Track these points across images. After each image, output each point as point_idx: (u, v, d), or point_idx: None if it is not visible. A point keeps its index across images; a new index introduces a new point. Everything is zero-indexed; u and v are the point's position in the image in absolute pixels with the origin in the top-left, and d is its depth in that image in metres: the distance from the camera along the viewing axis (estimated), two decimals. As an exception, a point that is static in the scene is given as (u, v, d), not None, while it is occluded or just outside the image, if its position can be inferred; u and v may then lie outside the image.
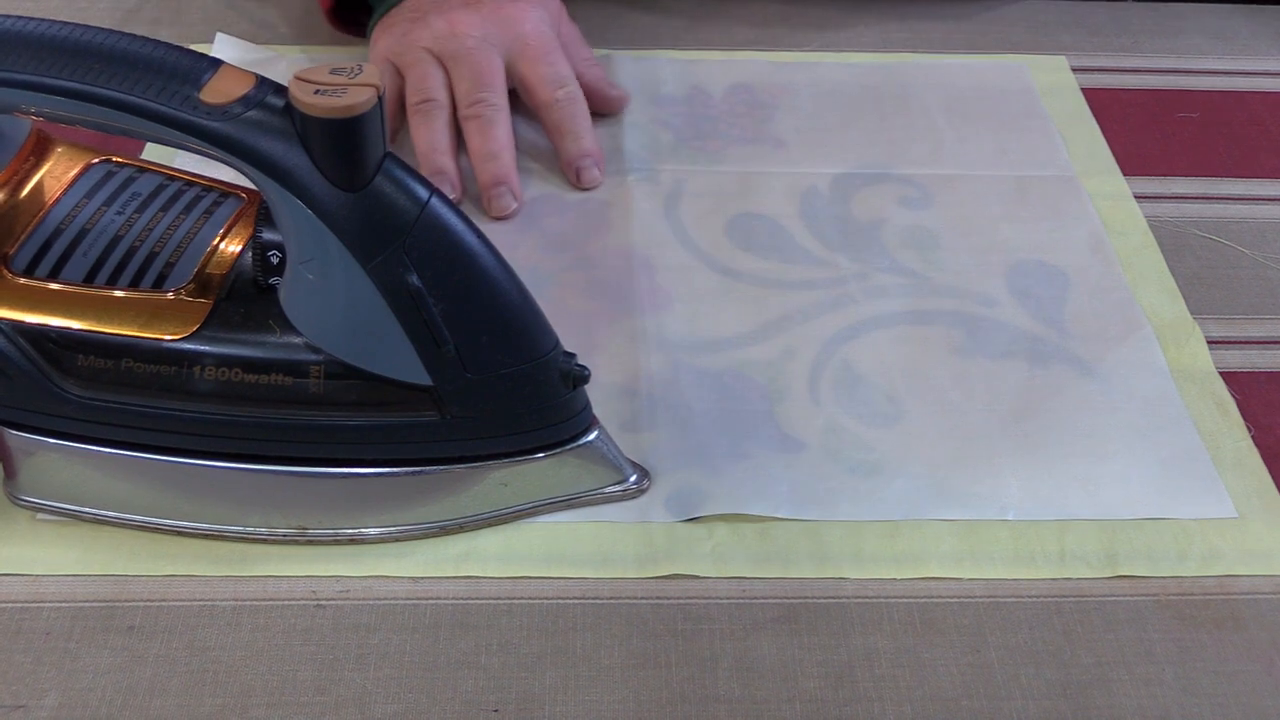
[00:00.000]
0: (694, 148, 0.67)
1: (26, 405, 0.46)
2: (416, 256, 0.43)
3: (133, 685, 0.44)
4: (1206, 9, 0.81)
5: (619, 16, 0.76)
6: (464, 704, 0.44)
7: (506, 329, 0.45)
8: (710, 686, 0.45)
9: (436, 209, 0.43)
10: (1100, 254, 0.62)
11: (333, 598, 0.47)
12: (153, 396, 0.45)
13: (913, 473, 0.52)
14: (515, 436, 0.47)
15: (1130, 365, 0.56)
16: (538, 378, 0.46)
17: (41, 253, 0.47)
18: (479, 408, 0.46)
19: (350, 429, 0.46)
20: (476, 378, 0.45)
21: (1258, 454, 0.53)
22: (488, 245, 0.44)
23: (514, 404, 0.46)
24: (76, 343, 0.45)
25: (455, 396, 0.45)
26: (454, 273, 0.44)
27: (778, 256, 0.61)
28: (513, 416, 0.47)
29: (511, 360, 0.45)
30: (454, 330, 0.44)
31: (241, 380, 0.45)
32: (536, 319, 0.46)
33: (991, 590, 0.48)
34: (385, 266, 0.43)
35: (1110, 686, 0.45)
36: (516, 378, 0.46)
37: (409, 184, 0.43)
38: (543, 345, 0.46)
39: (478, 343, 0.45)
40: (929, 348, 0.57)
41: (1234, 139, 0.70)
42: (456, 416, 0.46)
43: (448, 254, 0.43)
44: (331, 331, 0.44)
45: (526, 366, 0.46)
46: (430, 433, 0.46)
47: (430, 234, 0.43)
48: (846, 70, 0.73)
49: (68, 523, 0.49)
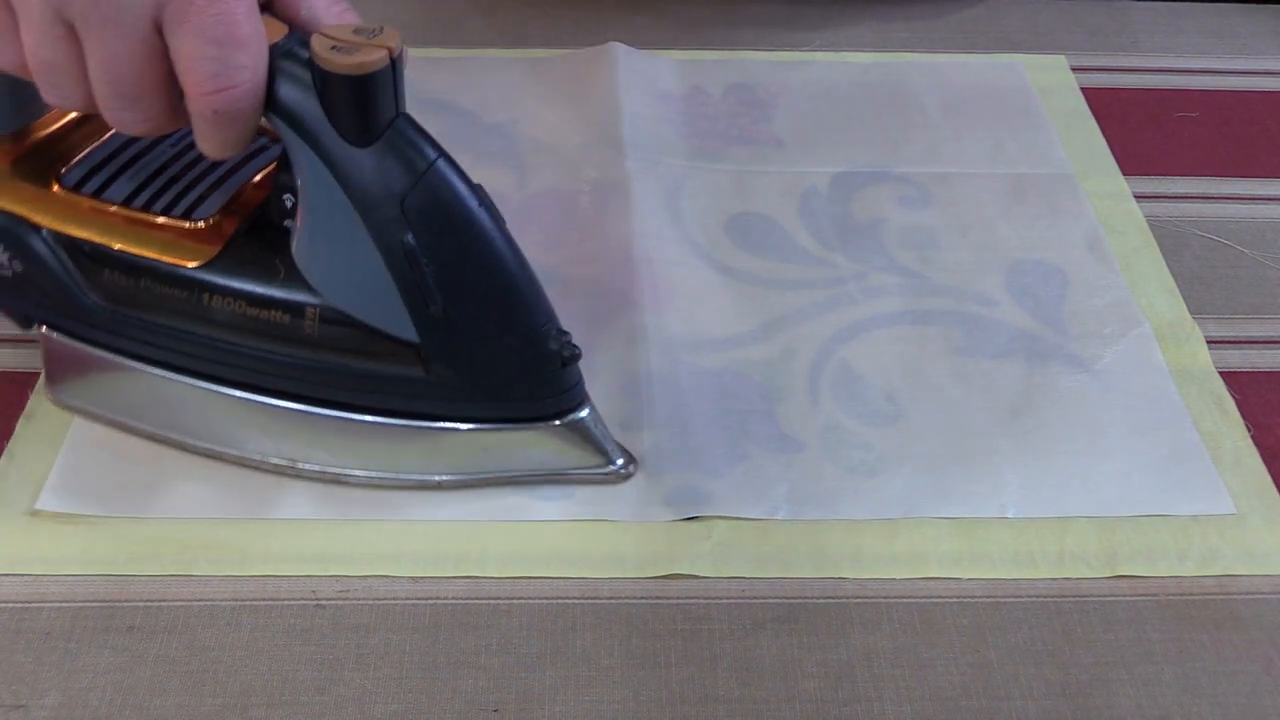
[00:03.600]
0: (693, 146, 0.67)
1: (61, 310, 0.49)
2: (414, 216, 0.44)
3: (133, 685, 0.44)
4: (1206, 9, 0.81)
5: (619, 16, 0.76)
6: (464, 704, 0.44)
7: (497, 298, 0.46)
8: (710, 686, 0.45)
9: (441, 172, 0.44)
10: (1097, 252, 0.62)
11: (333, 598, 0.47)
12: (166, 317, 0.48)
13: (912, 471, 0.52)
14: (498, 404, 0.48)
15: (1128, 363, 0.56)
16: (525, 350, 0.47)
17: (92, 173, 0.50)
18: (463, 371, 0.47)
19: (340, 373, 0.47)
20: (462, 341, 0.46)
21: (1257, 453, 0.53)
22: (492, 214, 0.46)
23: (499, 372, 0.47)
24: (104, 257, 0.48)
25: (440, 356, 0.46)
26: (450, 236, 0.45)
27: (777, 256, 0.61)
28: (496, 384, 0.48)
29: (499, 329, 0.46)
30: (444, 292, 0.45)
31: (244, 313, 0.47)
32: (531, 293, 0.47)
33: (991, 590, 0.48)
34: (383, 222, 0.44)
35: (1110, 686, 0.45)
36: (503, 347, 0.47)
37: (417, 145, 0.44)
38: (533, 319, 0.47)
39: (466, 308, 0.46)
40: (928, 347, 0.57)
41: (1234, 139, 0.70)
42: (441, 376, 0.47)
43: (446, 217, 0.45)
44: (330, 278, 0.46)
45: (514, 338, 0.47)
46: (414, 388, 0.47)
47: (431, 196, 0.44)
48: (845, 70, 0.73)
49: (69, 523, 0.49)
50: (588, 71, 0.71)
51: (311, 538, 0.49)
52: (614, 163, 0.65)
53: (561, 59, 0.73)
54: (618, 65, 0.71)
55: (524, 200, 0.63)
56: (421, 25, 0.75)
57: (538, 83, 0.71)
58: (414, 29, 0.75)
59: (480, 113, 0.69)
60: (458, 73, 0.71)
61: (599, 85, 0.70)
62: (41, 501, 0.49)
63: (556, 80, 0.71)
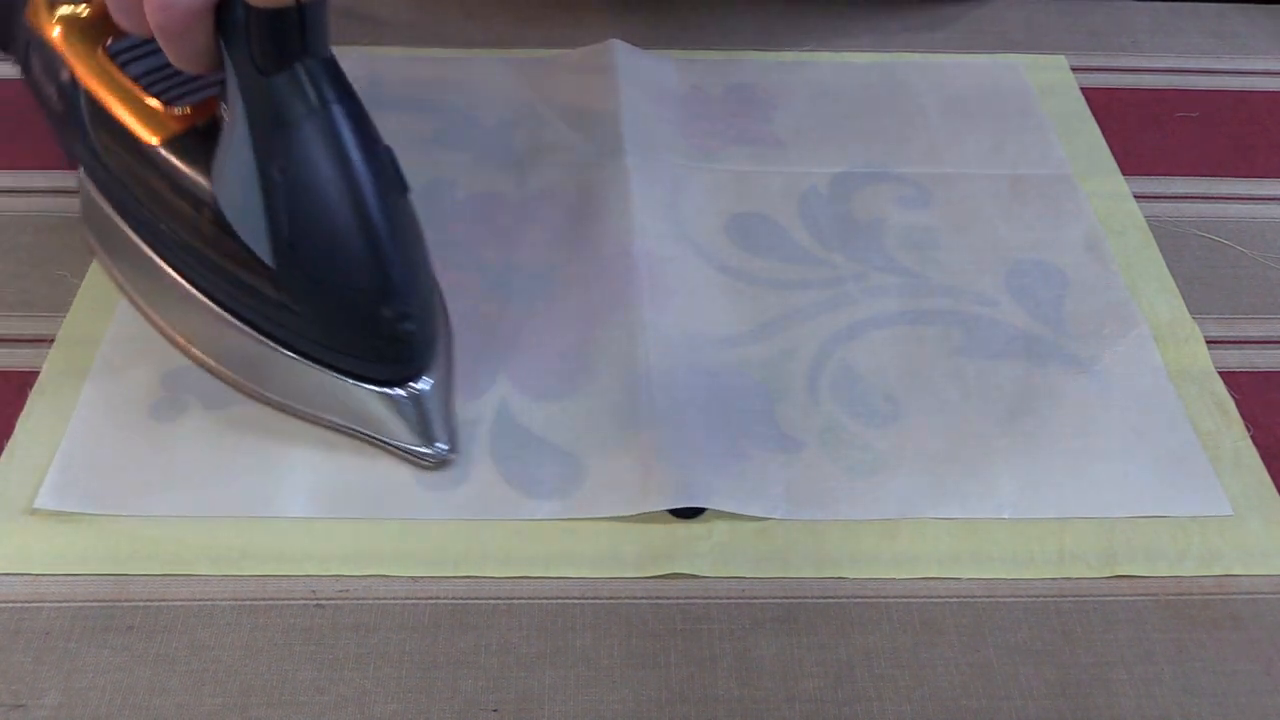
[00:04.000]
0: (693, 146, 0.67)
1: (85, 157, 0.55)
2: (290, 152, 0.47)
3: (133, 685, 0.44)
4: (1206, 9, 0.81)
5: (619, 16, 0.76)
6: (464, 704, 0.44)
7: (339, 251, 0.48)
8: (709, 686, 0.45)
9: (328, 119, 0.47)
10: (1096, 252, 0.62)
11: (333, 598, 0.47)
12: (125, 180, 0.53)
13: (911, 471, 0.52)
14: (332, 353, 0.50)
15: (1126, 364, 0.56)
16: (358, 311, 0.49)
17: (128, 50, 0.54)
18: (305, 311, 0.49)
19: (223, 275, 0.51)
20: (306, 283, 0.48)
21: (1257, 454, 0.53)
22: (380, 176, 0.48)
23: (334, 323, 0.49)
24: (102, 116, 0.53)
25: (287, 287, 0.49)
26: (315, 181, 0.47)
27: (776, 256, 0.61)
28: (331, 333, 0.50)
29: (338, 283, 0.48)
30: (295, 230, 0.47)
31: (168, 195, 0.52)
32: (378, 258, 0.48)
33: (990, 590, 0.48)
34: (264, 149, 0.47)
35: (1109, 686, 0.45)
36: (340, 302, 0.49)
37: (316, 89, 0.47)
38: (368, 282, 0.48)
39: (313, 252, 0.48)
40: (927, 347, 0.57)
41: (1234, 139, 0.70)
42: (289, 307, 0.49)
43: (317, 162, 0.47)
44: (222, 184, 0.49)
45: (351, 295, 0.48)
46: (272, 312, 0.50)
47: (310, 138, 0.47)
48: (845, 70, 0.73)
49: (68, 521, 0.49)
50: (588, 70, 0.71)
51: (311, 538, 0.49)
52: (614, 162, 0.65)
53: (561, 58, 0.73)
54: (618, 64, 0.71)
55: (523, 199, 0.63)
56: (421, 25, 0.75)
57: (537, 82, 0.71)
58: (414, 29, 0.75)
59: (479, 112, 0.69)
60: (457, 72, 0.71)
61: (599, 84, 0.70)
62: (40, 499, 0.49)
63: (556, 79, 0.71)
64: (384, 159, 0.48)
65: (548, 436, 0.52)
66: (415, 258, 0.50)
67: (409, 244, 0.50)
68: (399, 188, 0.49)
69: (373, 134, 0.48)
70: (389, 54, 0.72)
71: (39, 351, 0.54)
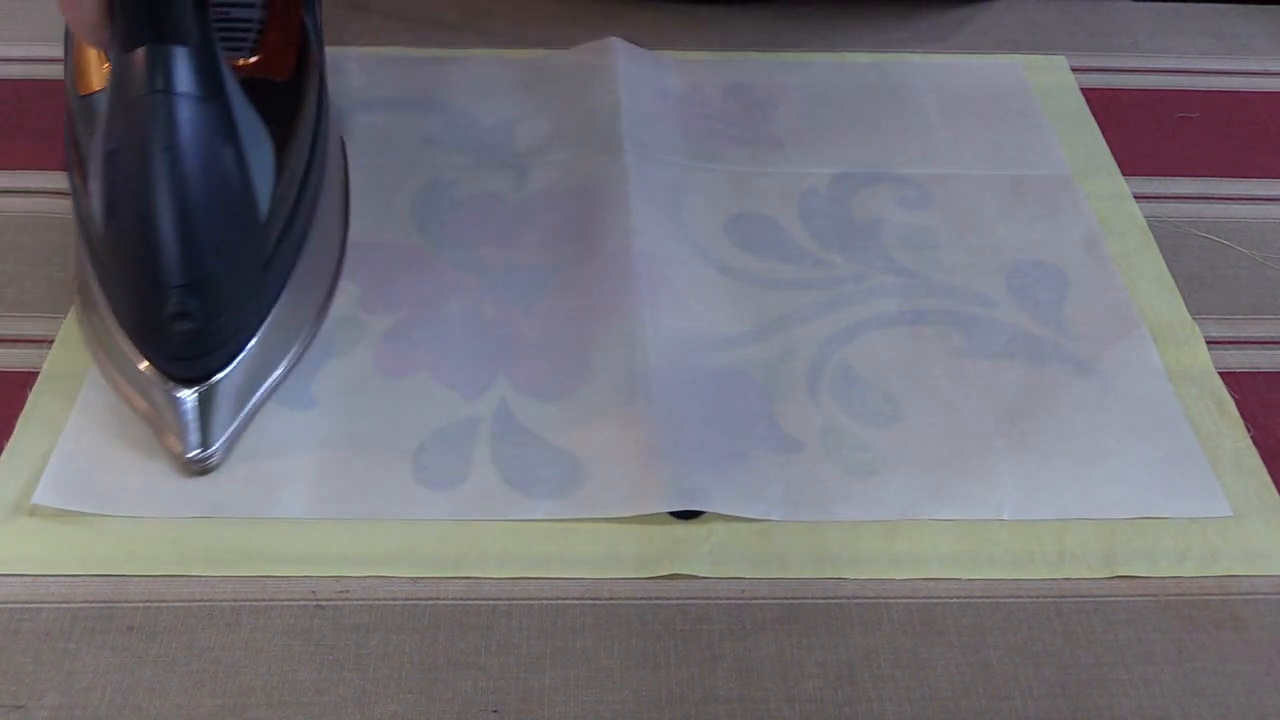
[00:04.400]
0: (693, 146, 0.67)
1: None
2: (115, 129, 0.47)
3: (132, 685, 0.44)
4: (1206, 9, 0.81)
5: (619, 16, 0.76)
6: (464, 704, 0.44)
7: (135, 237, 0.48)
8: (710, 687, 0.45)
9: (161, 108, 0.46)
10: (1095, 253, 0.62)
11: (332, 598, 0.47)
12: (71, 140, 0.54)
13: (910, 472, 0.52)
14: (133, 330, 0.50)
15: (1126, 365, 0.56)
16: (141, 298, 0.49)
17: None
18: (111, 281, 0.50)
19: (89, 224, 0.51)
20: (111, 254, 0.49)
21: (1257, 454, 0.53)
22: (199, 170, 0.47)
23: (127, 302, 0.50)
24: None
25: (105, 254, 0.50)
26: (129, 164, 0.47)
27: (776, 256, 0.61)
28: (123, 311, 0.50)
29: (128, 264, 0.49)
30: (109, 206, 0.48)
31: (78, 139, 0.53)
32: (160, 251, 0.48)
33: (991, 590, 0.48)
34: (106, 120, 0.48)
35: (1110, 687, 0.45)
36: (130, 285, 0.49)
37: (161, 73, 0.46)
38: (152, 275, 0.48)
39: (117, 229, 0.48)
40: (927, 347, 0.57)
41: (1234, 139, 0.70)
42: (106, 273, 0.50)
43: (136, 147, 0.47)
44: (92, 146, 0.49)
45: (138, 281, 0.48)
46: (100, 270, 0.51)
47: (136, 121, 0.47)
48: (845, 70, 0.73)
49: (67, 521, 0.49)
50: (587, 70, 0.71)
51: (311, 538, 0.49)
52: (613, 162, 0.65)
53: (561, 57, 0.73)
54: (617, 64, 0.71)
55: (523, 199, 0.63)
56: (420, 25, 0.75)
57: (536, 82, 0.71)
58: (413, 29, 0.75)
59: (479, 112, 0.69)
60: (457, 72, 0.71)
61: (599, 84, 0.70)
62: (38, 495, 0.49)
63: (555, 79, 0.71)
64: (226, 161, 0.48)
65: (548, 436, 0.52)
66: (231, 264, 0.49)
67: (223, 248, 0.49)
68: (234, 192, 0.49)
69: (223, 132, 0.48)
70: (389, 54, 0.72)
71: (39, 351, 0.54)
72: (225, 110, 0.48)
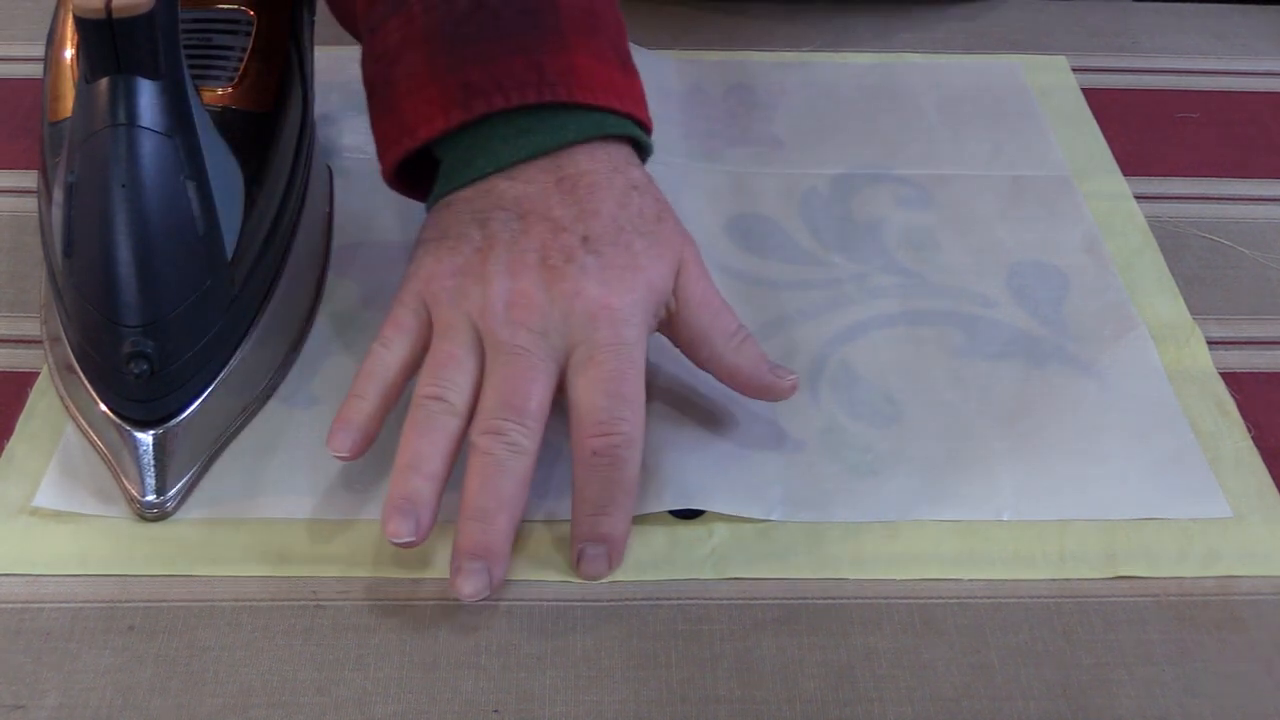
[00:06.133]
0: (693, 146, 0.67)
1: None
2: (75, 161, 0.46)
3: (133, 685, 0.44)
4: (1206, 9, 0.81)
5: (618, 16, 0.76)
6: (464, 704, 0.44)
7: (92, 273, 0.47)
8: (710, 687, 0.45)
9: (122, 142, 0.45)
10: (1095, 253, 0.62)
11: (333, 598, 0.47)
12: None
13: (910, 472, 0.52)
14: (88, 370, 0.49)
15: (1125, 365, 0.56)
16: (96, 336, 0.47)
17: None
18: (69, 315, 0.49)
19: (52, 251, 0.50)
20: (70, 288, 0.48)
21: (1258, 454, 0.53)
22: (159, 207, 0.46)
23: (82, 339, 0.48)
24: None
25: (64, 287, 0.48)
26: (88, 199, 0.46)
27: (777, 256, 0.61)
28: (79, 346, 0.49)
29: (85, 301, 0.47)
30: (69, 238, 0.47)
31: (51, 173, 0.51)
32: (117, 290, 0.46)
33: (991, 591, 0.48)
34: (67, 151, 0.47)
35: (1110, 687, 0.45)
36: (85, 322, 0.48)
37: (123, 107, 0.45)
38: (108, 313, 0.47)
39: (77, 263, 0.47)
40: (927, 348, 0.57)
41: (1234, 139, 0.70)
42: (63, 305, 0.49)
43: (93, 179, 0.46)
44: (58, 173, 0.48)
45: (93, 318, 0.47)
46: (60, 302, 0.50)
47: (95, 153, 0.45)
48: (845, 70, 0.73)
49: (68, 521, 0.49)
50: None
51: (311, 538, 0.49)
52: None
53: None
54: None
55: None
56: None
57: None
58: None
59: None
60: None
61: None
62: (39, 498, 0.49)
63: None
64: (189, 198, 0.47)
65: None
66: (192, 305, 0.48)
67: (183, 288, 0.47)
68: (196, 230, 0.47)
69: (187, 167, 0.46)
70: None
71: (39, 351, 0.54)
72: (191, 145, 0.47)
